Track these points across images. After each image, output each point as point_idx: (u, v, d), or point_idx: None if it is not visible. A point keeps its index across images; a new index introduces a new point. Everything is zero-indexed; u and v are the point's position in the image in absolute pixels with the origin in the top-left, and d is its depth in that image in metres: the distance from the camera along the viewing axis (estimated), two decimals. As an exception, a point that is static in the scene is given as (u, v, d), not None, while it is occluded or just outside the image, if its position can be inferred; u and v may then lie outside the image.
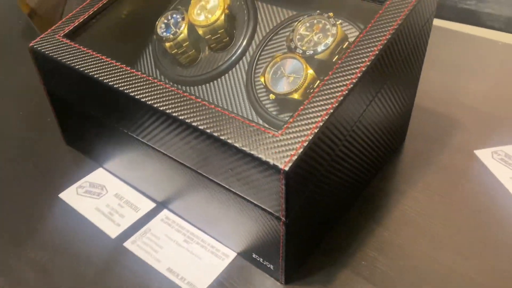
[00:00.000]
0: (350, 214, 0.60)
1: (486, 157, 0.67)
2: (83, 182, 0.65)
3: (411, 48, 0.55)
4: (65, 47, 0.60)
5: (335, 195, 0.53)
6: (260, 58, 0.62)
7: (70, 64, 0.57)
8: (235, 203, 0.49)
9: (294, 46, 0.56)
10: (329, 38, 0.55)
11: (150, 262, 0.54)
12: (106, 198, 0.62)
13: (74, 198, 0.63)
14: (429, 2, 0.55)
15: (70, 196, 0.63)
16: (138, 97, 0.51)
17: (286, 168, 0.40)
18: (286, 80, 0.56)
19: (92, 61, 0.57)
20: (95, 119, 0.61)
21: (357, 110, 0.48)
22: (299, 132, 0.43)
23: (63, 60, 0.58)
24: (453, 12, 1.00)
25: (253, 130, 0.44)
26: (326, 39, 0.55)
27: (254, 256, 0.53)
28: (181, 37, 0.64)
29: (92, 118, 0.61)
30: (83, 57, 0.58)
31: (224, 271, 0.53)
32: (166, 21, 0.66)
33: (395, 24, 0.50)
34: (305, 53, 0.55)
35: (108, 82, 0.53)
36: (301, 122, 0.43)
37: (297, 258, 0.52)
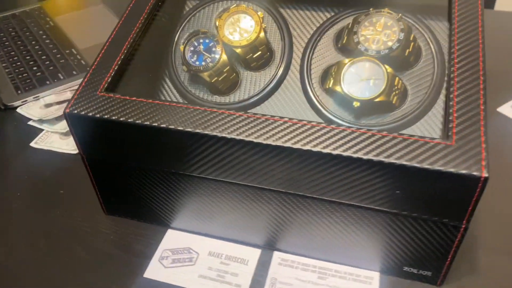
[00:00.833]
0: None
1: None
2: (162, 252, 0.56)
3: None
4: (105, 102, 0.51)
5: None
6: (312, 68, 0.59)
7: (118, 118, 0.49)
8: (381, 222, 0.48)
9: (365, 49, 0.55)
10: (399, 34, 0.54)
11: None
12: (202, 261, 0.54)
13: (163, 273, 0.53)
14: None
15: (158, 272, 0.53)
16: (201, 131, 0.47)
17: (486, 174, 0.40)
18: (365, 84, 0.54)
19: (136, 108, 0.49)
20: (149, 174, 0.53)
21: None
22: (470, 135, 0.43)
23: (107, 115, 0.49)
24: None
25: (412, 143, 0.43)
26: (396, 35, 0.55)
27: (406, 269, 0.52)
28: (221, 62, 0.58)
29: (144, 174, 0.54)
30: (128, 107, 0.50)
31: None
32: (192, 48, 0.59)
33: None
34: (379, 53, 0.54)
35: (164, 125, 0.48)
36: (463, 126, 0.43)
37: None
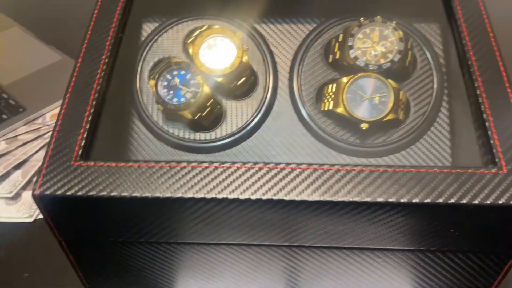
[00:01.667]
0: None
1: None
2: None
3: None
4: (83, 174, 0.41)
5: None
6: (302, 88, 0.53)
7: (102, 192, 0.40)
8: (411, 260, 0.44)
9: (365, 64, 0.50)
10: (398, 44, 0.50)
11: None
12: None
13: None
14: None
15: None
16: (211, 195, 0.40)
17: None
18: (370, 103, 0.50)
19: (120, 176, 0.41)
20: (141, 247, 0.46)
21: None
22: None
23: (90, 191, 0.40)
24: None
25: (456, 176, 0.39)
26: (394, 46, 0.50)
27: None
28: (203, 96, 0.50)
29: (135, 248, 0.46)
30: (109, 175, 0.41)
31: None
32: (166, 83, 0.51)
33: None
34: (381, 67, 0.50)
35: (155, 194, 0.40)
36: (509, 149, 0.40)
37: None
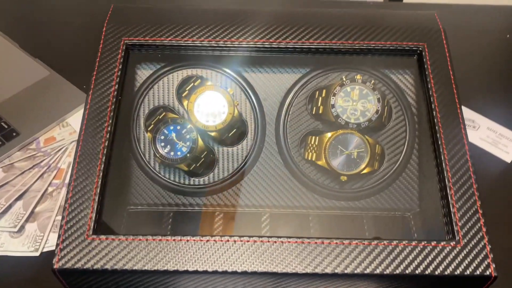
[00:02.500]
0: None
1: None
2: None
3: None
4: (97, 248, 0.45)
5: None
6: (288, 137, 0.58)
7: (115, 265, 0.44)
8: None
9: (345, 122, 0.55)
10: (376, 103, 0.55)
11: None
12: None
13: None
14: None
15: None
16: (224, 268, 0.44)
17: (495, 273, 0.44)
18: (349, 157, 0.55)
19: (133, 249, 0.45)
20: None
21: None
22: (473, 234, 0.46)
23: (106, 265, 0.44)
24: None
25: (420, 250, 0.45)
26: (372, 105, 0.55)
27: None
28: (198, 150, 0.55)
29: None
30: (123, 249, 0.45)
31: None
32: (163, 137, 0.55)
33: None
34: (359, 126, 0.55)
35: (164, 268, 0.44)
36: (466, 224, 0.46)
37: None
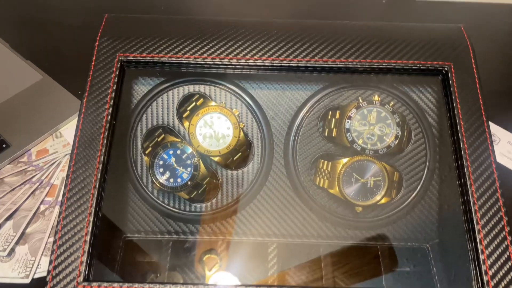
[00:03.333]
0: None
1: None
2: None
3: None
4: None
5: None
6: (298, 159, 0.53)
7: None
8: None
9: (361, 148, 0.50)
10: (395, 128, 0.50)
11: None
12: None
13: None
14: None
15: None
16: None
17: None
18: (364, 186, 0.51)
19: None
20: None
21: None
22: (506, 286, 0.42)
23: None
24: None
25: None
26: (391, 129, 0.50)
27: None
28: (200, 176, 0.50)
29: None
30: None
31: None
32: (162, 162, 0.50)
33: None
34: (377, 152, 0.50)
35: None
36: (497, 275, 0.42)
37: None
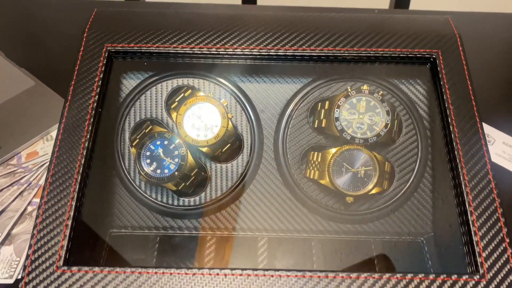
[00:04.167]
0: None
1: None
2: None
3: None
4: (67, 282, 0.40)
5: None
6: (288, 152, 0.52)
7: None
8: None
9: (351, 137, 0.50)
10: (385, 116, 0.50)
11: None
12: None
13: None
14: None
15: None
16: None
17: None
18: (354, 175, 0.50)
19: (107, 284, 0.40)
20: None
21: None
22: (500, 267, 0.41)
23: None
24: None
25: (438, 285, 0.40)
26: (381, 118, 0.50)
27: None
28: (188, 167, 0.49)
29: None
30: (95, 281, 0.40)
31: None
32: (148, 153, 0.50)
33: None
34: (367, 141, 0.50)
35: None
36: (490, 256, 0.41)
37: None
